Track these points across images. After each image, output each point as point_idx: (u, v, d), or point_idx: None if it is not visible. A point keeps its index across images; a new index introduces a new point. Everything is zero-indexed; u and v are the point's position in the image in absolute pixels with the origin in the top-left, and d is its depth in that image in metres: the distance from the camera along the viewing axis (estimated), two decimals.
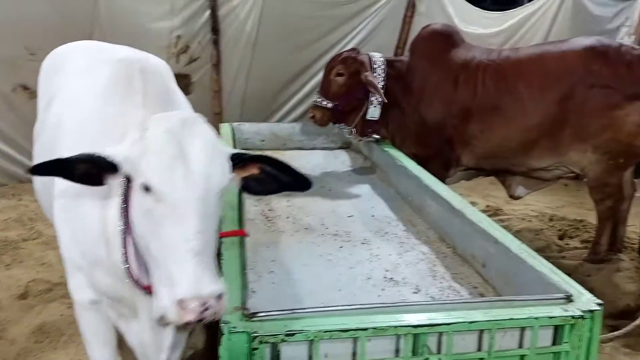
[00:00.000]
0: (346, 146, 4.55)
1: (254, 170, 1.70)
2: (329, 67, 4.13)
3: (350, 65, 4.02)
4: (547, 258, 4.14)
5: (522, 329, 1.76)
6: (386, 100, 3.94)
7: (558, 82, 3.64)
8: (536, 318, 1.72)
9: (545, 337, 1.79)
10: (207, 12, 5.11)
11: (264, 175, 1.71)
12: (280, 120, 5.70)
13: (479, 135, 3.90)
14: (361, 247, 2.73)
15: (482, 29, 5.58)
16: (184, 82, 5.31)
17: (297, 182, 1.74)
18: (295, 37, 5.36)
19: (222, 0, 5.14)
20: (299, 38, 5.38)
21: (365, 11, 5.48)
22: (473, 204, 5.30)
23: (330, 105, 4.04)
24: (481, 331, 1.73)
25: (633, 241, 4.32)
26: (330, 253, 2.64)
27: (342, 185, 3.72)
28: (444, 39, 4.13)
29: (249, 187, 1.72)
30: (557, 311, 1.75)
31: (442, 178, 4.06)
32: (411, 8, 5.62)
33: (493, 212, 5.10)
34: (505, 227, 4.71)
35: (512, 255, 2.18)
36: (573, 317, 1.74)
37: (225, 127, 4.25)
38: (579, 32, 5.26)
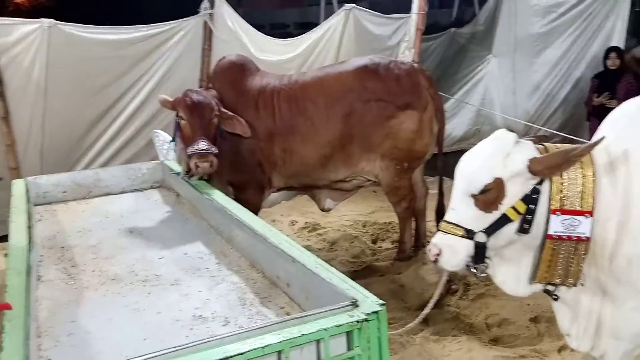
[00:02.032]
0: (157, 185, 4.44)
1: None
2: (198, 108, 3.71)
3: (218, 104, 3.85)
4: (363, 263, 4.49)
5: (317, 341, 1.82)
6: (250, 134, 3.92)
7: (339, 100, 3.93)
8: (325, 329, 1.80)
9: (340, 345, 1.87)
10: None
11: None
12: (87, 167, 5.41)
13: (282, 155, 4.07)
14: (171, 289, 2.66)
15: (277, 56, 5.78)
16: None
17: None
18: (90, 80, 5.15)
19: (1, 50, 4.79)
20: (94, 81, 5.18)
21: (160, 47, 5.42)
22: (293, 222, 5.52)
23: (216, 150, 3.69)
24: (278, 352, 1.77)
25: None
26: (137, 301, 2.54)
27: (153, 226, 3.61)
28: (240, 69, 4.26)
29: None
30: (344, 318, 1.85)
31: (259, 201, 4.17)
32: (208, 40, 5.69)
33: (312, 228, 5.31)
34: (323, 240, 5.00)
35: (308, 271, 2.27)
36: (358, 321, 1.84)
37: (17, 184, 3.86)
38: (365, 50, 5.69)
